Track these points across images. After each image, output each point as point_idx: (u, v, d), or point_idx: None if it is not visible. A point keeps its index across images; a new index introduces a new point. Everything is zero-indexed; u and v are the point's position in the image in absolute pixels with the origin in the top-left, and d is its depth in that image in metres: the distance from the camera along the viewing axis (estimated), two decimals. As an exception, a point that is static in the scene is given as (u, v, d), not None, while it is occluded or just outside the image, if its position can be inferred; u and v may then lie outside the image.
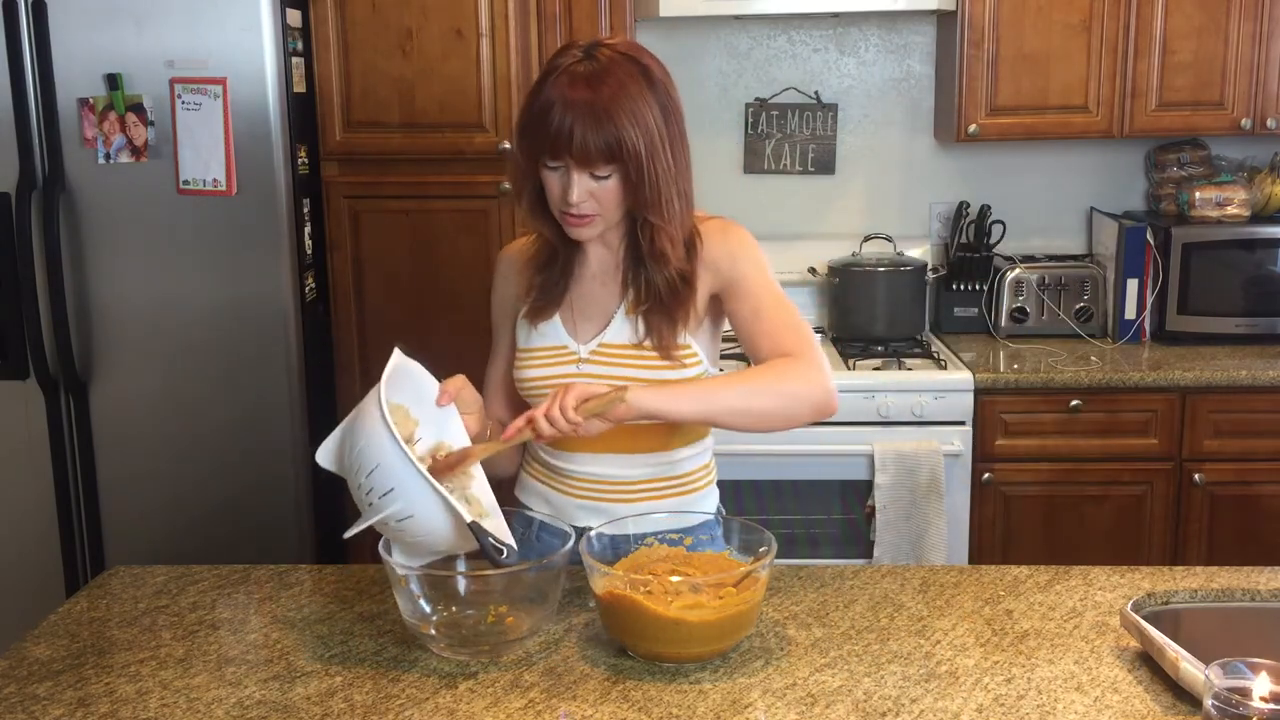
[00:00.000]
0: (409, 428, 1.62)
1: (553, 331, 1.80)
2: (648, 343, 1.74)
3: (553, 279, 1.80)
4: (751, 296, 1.73)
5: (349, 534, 1.54)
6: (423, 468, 1.47)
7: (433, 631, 1.55)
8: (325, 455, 1.58)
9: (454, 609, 1.59)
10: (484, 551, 1.48)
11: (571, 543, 1.59)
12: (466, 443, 1.66)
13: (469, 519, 1.47)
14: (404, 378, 1.64)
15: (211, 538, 2.90)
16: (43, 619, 1.70)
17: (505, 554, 1.51)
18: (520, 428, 1.59)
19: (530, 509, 1.85)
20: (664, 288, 1.72)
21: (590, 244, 1.77)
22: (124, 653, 1.59)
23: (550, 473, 1.85)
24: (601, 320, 1.78)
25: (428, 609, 1.58)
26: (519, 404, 1.87)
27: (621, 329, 1.76)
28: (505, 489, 1.95)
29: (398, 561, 1.54)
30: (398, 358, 1.63)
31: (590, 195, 1.65)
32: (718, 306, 1.79)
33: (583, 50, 1.65)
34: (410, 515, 1.48)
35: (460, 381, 1.68)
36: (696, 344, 1.76)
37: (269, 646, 1.60)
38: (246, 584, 1.82)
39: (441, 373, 1.69)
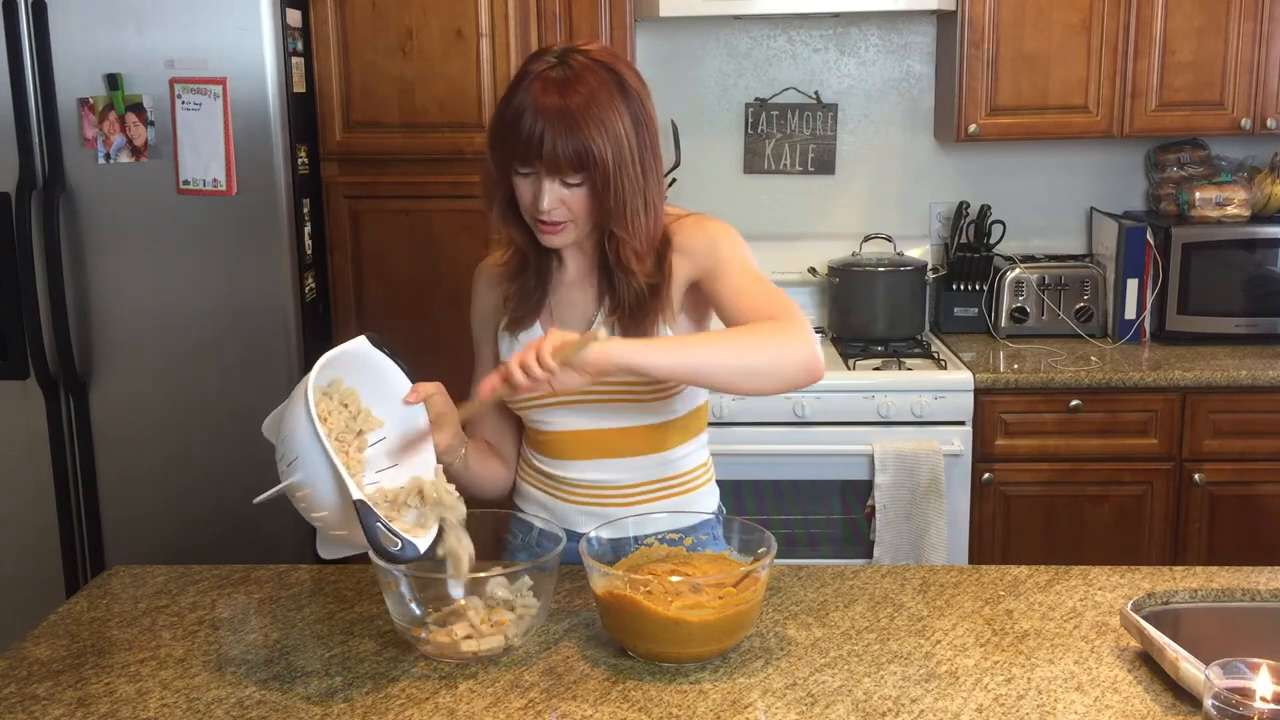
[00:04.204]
0: (372, 425, 1.58)
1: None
2: None
3: (529, 287, 1.77)
4: (732, 276, 1.69)
5: (257, 500, 1.52)
6: (327, 439, 1.42)
7: (424, 635, 1.54)
8: (268, 425, 1.56)
9: (444, 610, 1.58)
10: (368, 535, 1.39)
11: (561, 546, 1.59)
12: (432, 452, 1.62)
13: (357, 495, 1.41)
14: (367, 369, 1.59)
15: (211, 538, 2.90)
16: (43, 619, 1.70)
17: (401, 546, 1.43)
18: (495, 385, 1.52)
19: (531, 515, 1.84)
20: (632, 300, 1.70)
21: (566, 249, 1.75)
22: (124, 653, 1.59)
23: (548, 480, 1.84)
24: (582, 326, 1.76)
25: (419, 612, 1.57)
26: (505, 420, 1.87)
27: None
28: (504, 503, 1.93)
29: (385, 565, 1.53)
30: (362, 345, 1.58)
31: (562, 203, 1.63)
32: (699, 296, 1.75)
33: (556, 56, 1.63)
34: (310, 486, 1.44)
35: (435, 387, 1.64)
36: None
37: (269, 646, 1.60)
38: (246, 584, 1.82)
39: (440, 372, 1.68)
